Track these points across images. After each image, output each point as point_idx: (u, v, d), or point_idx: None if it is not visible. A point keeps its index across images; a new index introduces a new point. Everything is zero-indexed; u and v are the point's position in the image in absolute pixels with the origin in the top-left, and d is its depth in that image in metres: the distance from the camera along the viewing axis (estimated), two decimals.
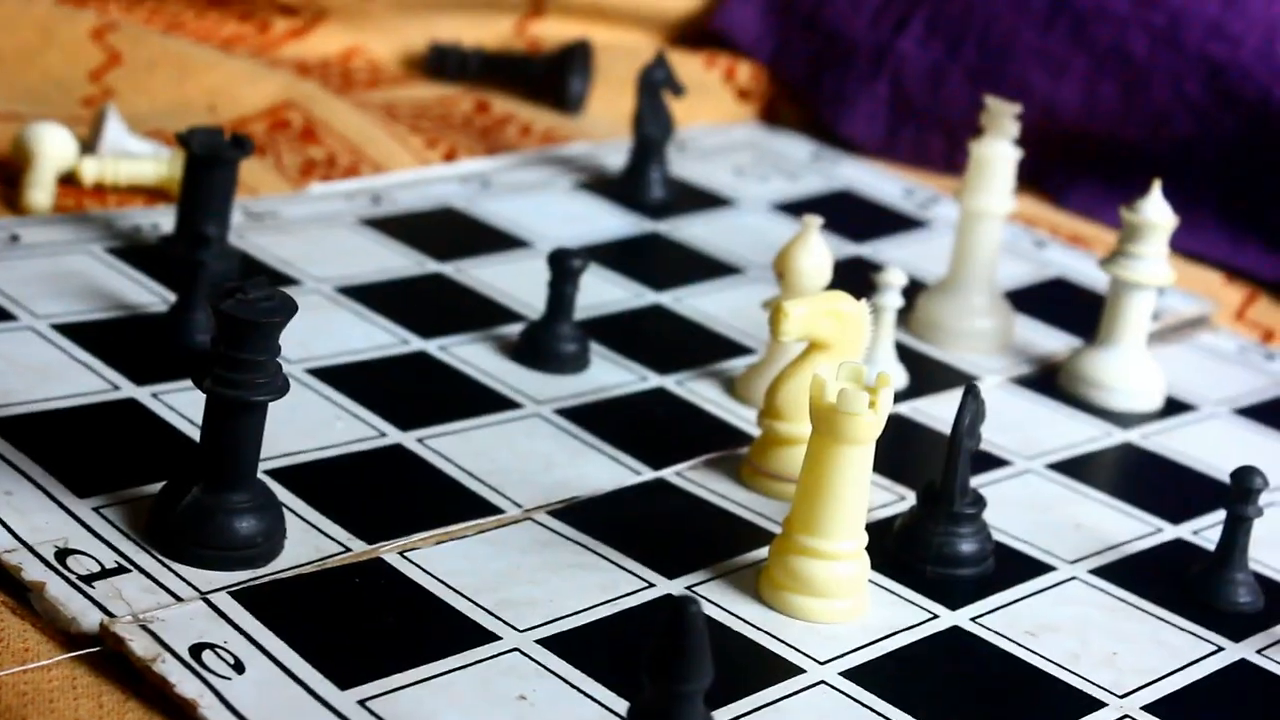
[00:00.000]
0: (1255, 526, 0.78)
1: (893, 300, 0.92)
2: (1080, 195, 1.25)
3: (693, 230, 1.10)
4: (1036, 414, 0.93)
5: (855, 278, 0.95)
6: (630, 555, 0.75)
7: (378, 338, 0.91)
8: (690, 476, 0.82)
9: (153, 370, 0.83)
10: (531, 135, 1.23)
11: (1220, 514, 0.79)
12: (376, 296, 0.95)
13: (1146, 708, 0.70)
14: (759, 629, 0.71)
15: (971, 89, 1.26)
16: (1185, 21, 1.22)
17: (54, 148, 1.02)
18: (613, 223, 1.10)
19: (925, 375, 0.95)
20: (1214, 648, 0.75)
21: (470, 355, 0.90)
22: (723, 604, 0.72)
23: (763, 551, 0.75)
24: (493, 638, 0.68)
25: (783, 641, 0.71)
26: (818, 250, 0.87)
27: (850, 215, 1.16)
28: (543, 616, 0.70)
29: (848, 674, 0.70)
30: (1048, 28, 1.26)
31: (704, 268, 1.05)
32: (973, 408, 0.76)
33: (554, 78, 1.29)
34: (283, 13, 1.30)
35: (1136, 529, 0.83)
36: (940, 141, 1.29)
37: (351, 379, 0.86)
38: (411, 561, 0.72)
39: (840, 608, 0.72)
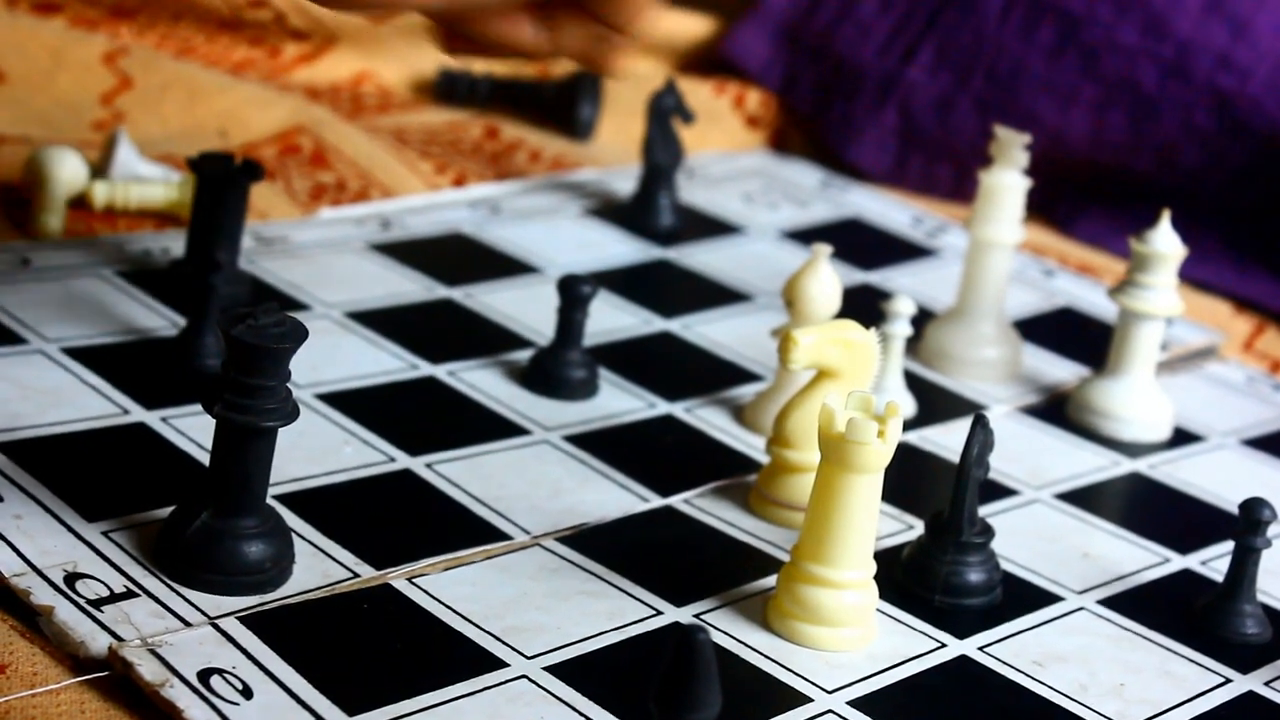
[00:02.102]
0: (1264, 558, 0.78)
1: (901, 329, 0.92)
2: (1089, 225, 1.25)
3: (702, 257, 1.11)
4: (1044, 443, 0.93)
5: (864, 306, 0.94)
6: (638, 582, 0.75)
7: (387, 363, 0.91)
8: (698, 504, 0.82)
9: (162, 394, 0.84)
10: (541, 161, 1.24)
11: (1228, 545, 0.79)
12: (386, 322, 0.95)
13: None
14: (767, 657, 0.71)
15: (980, 118, 1.26)
16: (1194, 53, 1.23)
17: (65, 171, 1.02)
18: (622, 249, 1.10)
19: (934, 404, 0.95)
20: (1222, 679, 0.75)
21: (479, 381, 0.90)
22: (731, 632, 0.72)
23: (771, 579, 0.75)
24: (501, 664, 0.68)
25: (790, 670, 0.71)
26: (827, 278, 0.87)
27: (859, 243, 1.16)
28: (551, 643, 0.70)
29: (855, 703, 0.70)
30: (1056, 58, 1.26)
31: (713, 295, 1.05)
32: (981, 437, 0.76)
33: (564, 104, 1.29)
34: (293, 37, 1.31)
35: (1144, 559, 0.83)
36: (948, 170, 1.29)
37: (361, 404, 0.86)
38: (419, 587, 0.72)
39: (848, 636, 0.72)
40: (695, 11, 1.41)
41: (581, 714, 0.66)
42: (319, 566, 0.73)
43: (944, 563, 0.76)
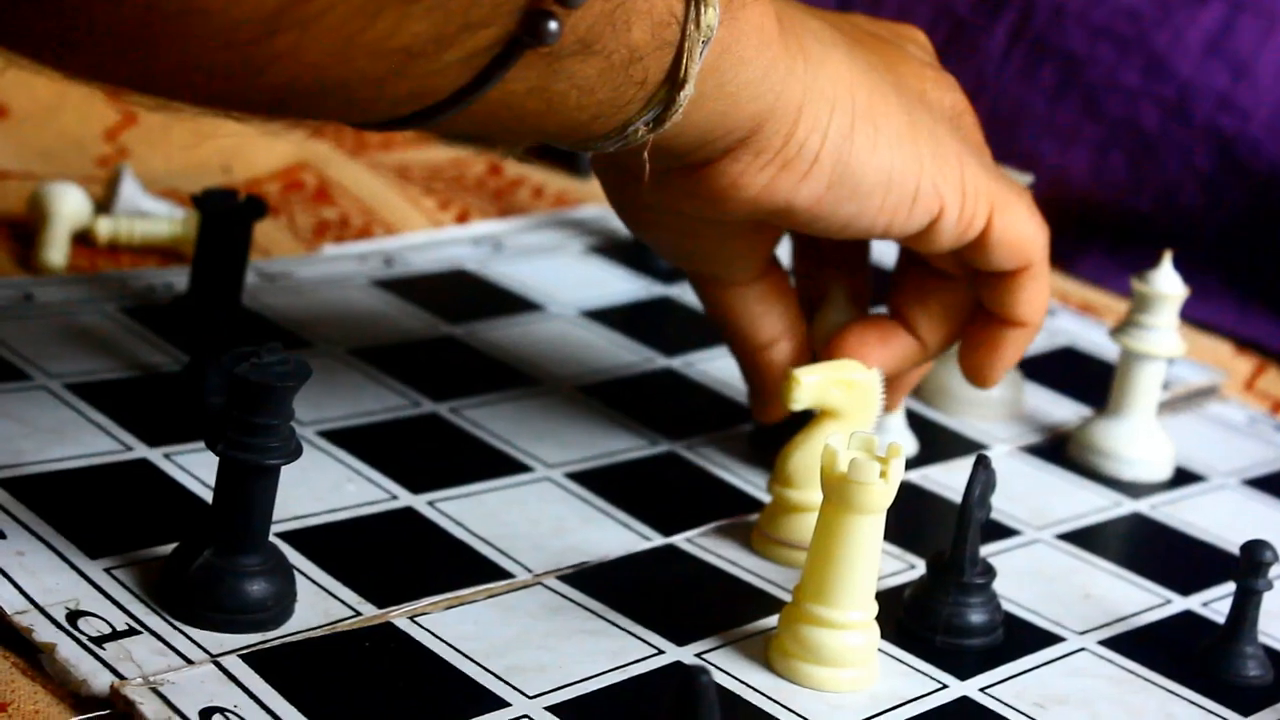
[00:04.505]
0: (1265, 599, 0.78)
1: None
2: (1090, 264, 1.25)
3: None
4: (1046, 483, 0.93)
5: None
6: (640, 621, 0.75)
7: (389, 400, 0.91)
8: (701, 542, 0.82)
9: (165, 431, 0.84)
10: (544, 198, 1.24)
11: (1230, 586, 0.79)
12: (388, 359, 0.95)
13: None
14: (768, 698, 0.71)
15: None
16: (1195, 94, 1.23)
17: (69, 207, 1.03)
18: (624, 287, 1.10)
19: (935, 443, 0.95)
20: None
21: (481, 418, 0.90)
22: (732, 672, 0.72)
23: (773, 619, 0.75)
24: (502, 704, 0.68)
25: (792, 711, 0.71)
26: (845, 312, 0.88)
27: None
28: (552, 683, 0.70)
29: None
30: (1058, 99, 1.27)
31: (715, 332, 1.05)
32: (983, 478, 0.76)
33: None
34: None
35: (1146, 600, 0.83)
36: None
37: (363, 441, 0.86)
38: (421, 626, 0.72)
39: (849, 677, 0.72)
40: None
41: None
42: (321, 605, 0.73)
43: (946, 603, 0.76)
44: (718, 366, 1.01)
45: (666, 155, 0.74)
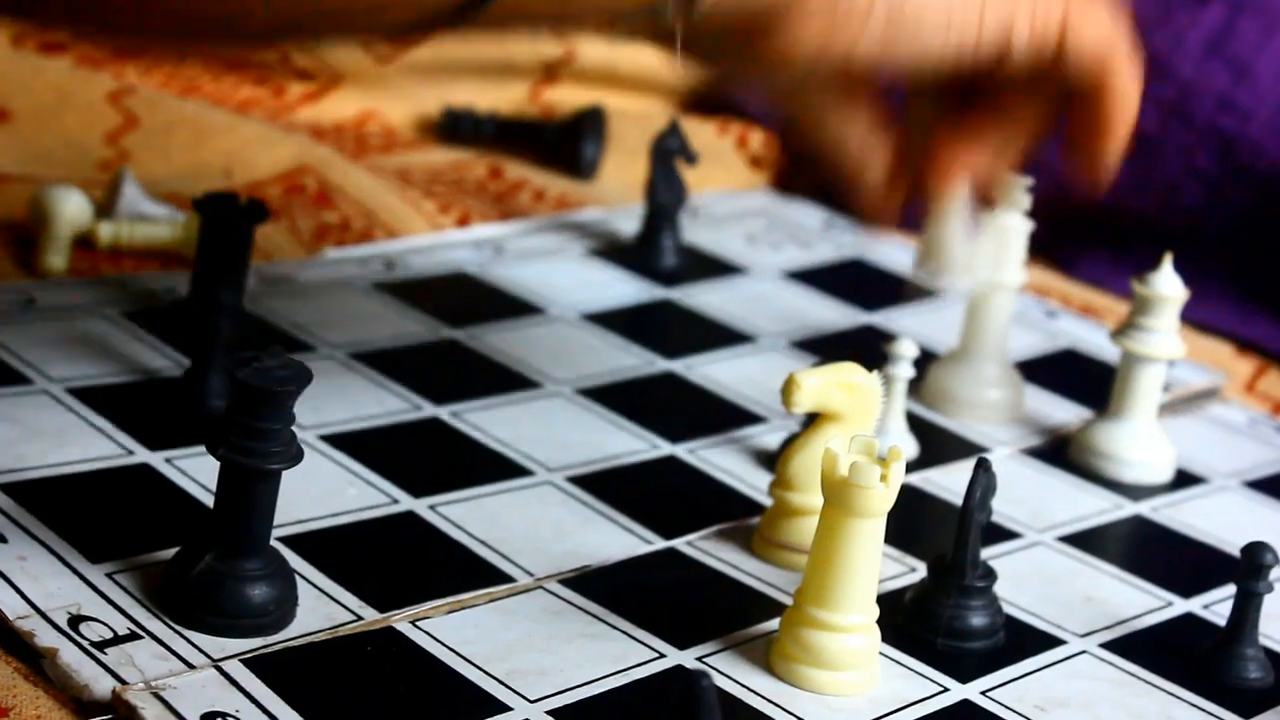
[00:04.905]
0: (1266, 601, 0.78)
1: (904, 371, 0.92)
2: (1091, 266, 1.25)
3: (705, 297, 1.11)
4: (1047, 486, 0.93)
5: (867, 347, 0.95)
6: (641, 625, 0.75)
7: (391, 404, 0.91)
8: (702, 546, 0.82)
9: (167, 435, 0.84)
10: (545, 201, 1.24)
11: (1231, 588, 0.79)
12: (390, 362, 0.95)
13: None
14: (770, 701, 0.71)
15: None
16: (1195, 95, 1.23)
17: (69, 210, 1.02)
18: (625, 289, 1.10)
19: (936, 445, 0.95)
20: None
21: (483, 422, 0.90)
22: (733, 675, 0.72)
23: (774, 623, 0.75)
24: (503, 708, 0.68)
25: (793, 714, 0.71)
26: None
27: (862, 284, 1.16)
28: (554, 687, 0.70)
29: None
30: None
31: (716, 335, 1.06)
32: (984, 481, 0.76)
33: (567, 144, 1.30)
34: (298, 77, 1.31)
35: (1147, 603, 0.83)
36: None
37: (364, 445, 0.86)
38: (423, 630, 0.72)
39: (851, 680, 0.72)
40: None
41: None
42: (322, 609, 0.73)
43: (946, 606, 0.77)
44: (719, 369, 1.01)
45: (709, 31, 0.71)
